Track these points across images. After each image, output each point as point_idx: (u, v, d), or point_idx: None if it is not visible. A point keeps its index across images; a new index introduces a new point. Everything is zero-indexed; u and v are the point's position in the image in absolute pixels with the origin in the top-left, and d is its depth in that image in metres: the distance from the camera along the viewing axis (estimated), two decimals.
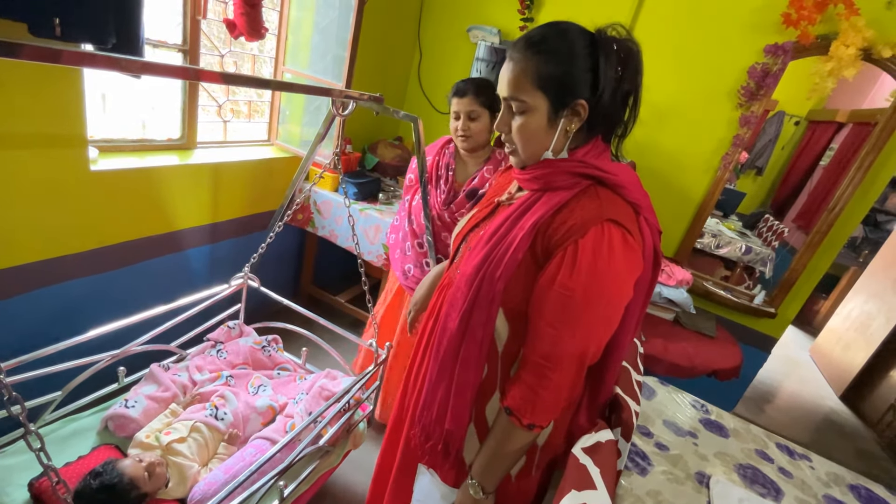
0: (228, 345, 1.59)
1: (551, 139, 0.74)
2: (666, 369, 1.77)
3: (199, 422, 1.25)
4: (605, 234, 0.68)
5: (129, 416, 1.24)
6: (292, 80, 2.18)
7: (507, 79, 0.73)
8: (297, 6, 2.08)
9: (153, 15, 1.65)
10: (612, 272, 0.69)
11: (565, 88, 0.70)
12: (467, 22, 2.54)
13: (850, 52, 1.86)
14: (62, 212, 1.43)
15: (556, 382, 0.72)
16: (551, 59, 0.70)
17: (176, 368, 1.45)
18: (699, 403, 1.28)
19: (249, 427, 1.34)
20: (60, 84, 1.30)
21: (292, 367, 1.64)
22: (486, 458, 0.81)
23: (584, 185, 0.73)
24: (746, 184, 2.69)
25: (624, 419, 0.83)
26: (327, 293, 2.56)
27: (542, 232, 0.72)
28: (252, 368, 1.57)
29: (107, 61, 0.73)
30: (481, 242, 0.79)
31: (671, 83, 2.22)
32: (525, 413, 0.74)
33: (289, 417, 1.36)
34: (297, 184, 1.61)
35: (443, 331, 0.83)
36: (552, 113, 0.72)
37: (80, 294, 1.56)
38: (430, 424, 0.86)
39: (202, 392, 1.38)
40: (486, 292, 0.74)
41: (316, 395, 1.40)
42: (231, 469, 1.15)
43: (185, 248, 1.88)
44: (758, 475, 1.04)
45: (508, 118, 0.75)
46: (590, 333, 0.72)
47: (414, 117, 1.39)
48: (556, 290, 0.69)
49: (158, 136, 1.80)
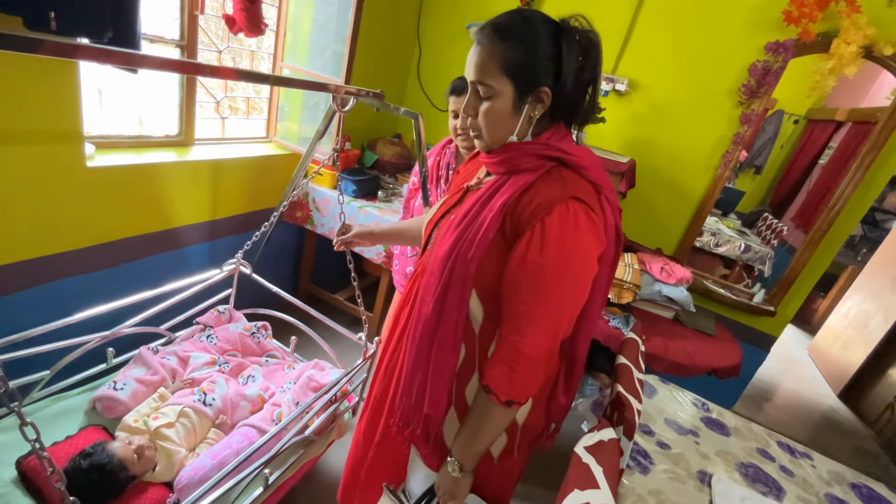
0: (218, 330, 1.60)
1: (516, 124, 0.76)
2: (666, 367, 1.76)
3: (187, 407, 1.26)
4: (569, 210, 0.71)
5: (117, 398, 1.25)
6: (291, 77, 2.16)
7: (474, 63, 0.75)
8: (296, 2, 2.06)
9: (150, 10, 1.63)
10: (578, 246, 0.72)
11: (529, 75, 0.73)
12: (467, 18, 2.53)
13: (852, 49, 1.85)
14: (58, 209, 1.41)
15: (532, 357, 0.74)
16: (517, 45, 0.72)
17: (165, 352, 1.46)
18: (700, 402, 1.28)
19: (238, 413, 1.35)
20: (56, 79, 1.29)
21: (280, 354, 1.66)
22: (465, 438, 0.82)
23: (549, 167, 0.75)
24: (745, 182, 2.69)
25: (626, 417, 0.83)
26: (326, 291, 2.55)
27: (510, 212, 0.74)
28: (241, 354, 1.59)
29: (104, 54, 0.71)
30: (452, 226, 0.81)
31: (671, 81, 2.22)
32: (503, 390, 0.75)
33: (276, 406, 1.37)
34: (296, 181, 1.59)
35: (418, 317, 0.85)
36: (517, 98, 0.74)
37: (77, 291, 1.55)
38: (409, 410, 0.87)
39: (193, 377, 1.40)
40: (459, 274, 0.76)
41: (304, 385, 1.41)
42: (218, 455, 1.17)
43: (183, 245, 1.86)
44: (759, 474, 1.04)
45: (475, 102, 0.77)
46: (560, 306, 0.74)
47: (415, 114, 1.38)
48: (527, 267, 0.71)
49: (156, 133, 1.78)
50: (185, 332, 1.58)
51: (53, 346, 1.18)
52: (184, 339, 1.56)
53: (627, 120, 2.34)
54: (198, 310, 1.60)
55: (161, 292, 1.40)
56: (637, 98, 2.30)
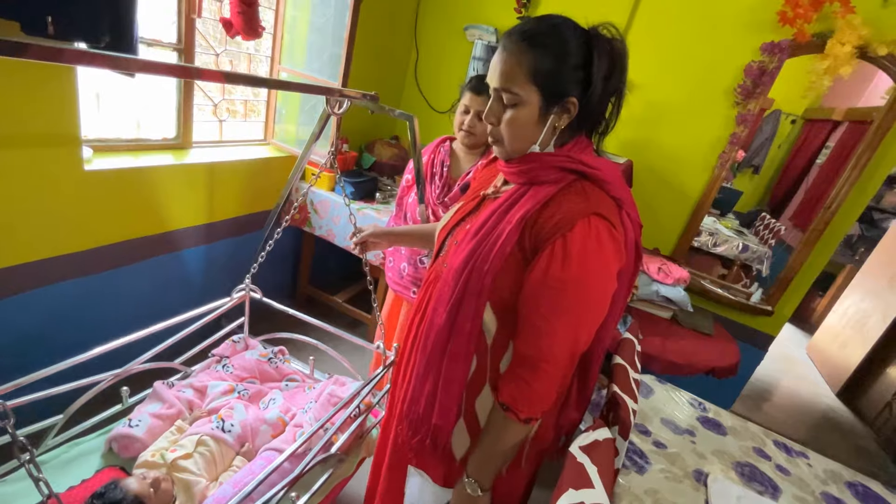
0: (234, 359, 1.54)
1: (539, 134, 0.74)
2: (663, 367, 1.77)
3: (205, 435, 1.20)
4: (591, 227, 0.70)
5: (133, 436, 1.19)
6: (288, 79, 2.17)
7: (500, 70, 0.73)
8: (293, 5, 2.07)
9: (147, 13, 1.64)
10: (600, 264, 0.70)
11: (558, 85, 0.71)
12: (464, 21, 2.54)
13: (846, 50, 1.86)
14: (56, 212, 1.42)
15: (550, 374, 0.73)
16: (547, 53, 0.70)
17: (180, 385, 1.40)
18: (697, 402, 1.28)
19: (259, 439, 1.29)
20: (54, 83, 1.29)
21: (300, 377, 1.59)
22: (482, 456, 0.81)
23: (570, 180, 0.74)
24: (743, 182, 2.70)
25: (622, 417, 0.83)
26: (325, 293, 2.55)
27: (529, 226, 0.73)
28: (259, 381, 1.52)
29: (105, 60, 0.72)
30: (468, 236, 0.79)
31: (668, 81, 2.22)
32: (521, 407, 0.74)
33: (298, 427, 1.31)
34: (292, 183, 1.60)
35: (430, 325, 0.83)
36: (543, 108, 0.72)
37: (75, 294, 1.55)
38: (418, 420, 0.86)
39: (212, 406, 1.33)
40: (475, 286, 0.75)
41: (325, 402, 1.36)
42: (240, 482, 1.10)
43: (180, 248, 1.87)
44: (755, 473, 1.04)
45: (499, 109, 0.75)
46: (581, 323, 0.73)
47: (409, 116, 1.38)
48: (548, 283, 0.70)
49: (153, 136, 1.79)
50: (201, 366, 1.52)
51: (65, 388, 1.12)
52: (199, 371, 1.50)
53: (624, 120, 2.30)
54: (212, 341, 1.54)
55: (171, 324, 1.34)
56: (634, 99, 2.30)
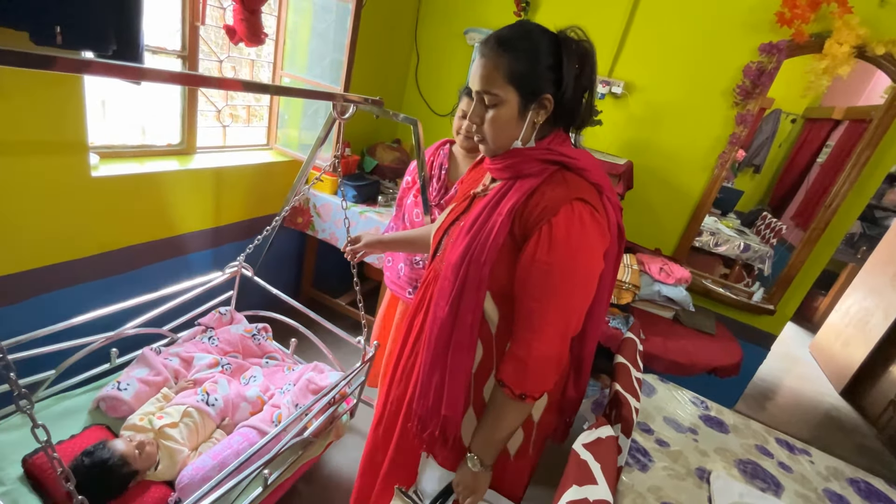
0: (219, 331, 1.63)
1: (520, 130, 0.80)
2: (666, 367, 1.77)
3: (190, 407, 1.29)
4: (574, 210, 0.75)
5: (121, 398, 1.27)
6: (291, 84, 2.19)
7: (479, 74, 0.78)
8: (295, 11, 2.09)
9: (152, 21, 1.66)
10: (584, 244, 0.76)
11: (533, 84, 0.77)
12: (464, 24, 2.56)
13: (844, 49, 1.87)
14: (64, 218, 1.44)
15: (543, 352, 0.78)
16: (520, 56, 0.76)
17: (167, 353, 1.49)
18: (699, 400, 1.29)
19: (238, 414, 1.38)
20: (61, 91, 1.31)
21: (280, 356, 1.69)
22: (484, 432, 0.86)
23: (552, 171, 0.79)
24: (744, 182, 2.70)
25: (624, 416, 0.84)
26: (327, 295, 2.57)
27: (518, 215, 0.78)
28: (242, 355, 1.62)
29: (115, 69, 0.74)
30: (462, 232, 0.84)
31: (667, 83, 2.24)
32: (516, 384, 0.79)
33: (275, 407, 1.40)
34: (297, 187, 1.62)
35: (433, 320, 0.87)
36: (522, 106, 0.78)
37: (83, 299, 1.57)
38: (427, 413, 0.89)
39: (196, 377, 1.42)
40: (473, 277, 0.79)
41: (303, 387, 1.44)
42: (219, 455, 1.19)
43: (186, 252, 1.88)
44: (758, 470, 1.05)
45: (481, 110, 0.81)
46: (570, 303, 0.78)
47: (413, 120, 1.40)
48: (537, 266, 0.75)
49: (158, 142, 1.81)
50: (187, 334, 1.61)
51: (59, 347, 1.22)
52: (185, 340, 1.59)
53: (624, 122, 2.36)
54: (199, 311, 1.63)
55: (163, 294, 1.43)
56: (633, 100, 2.32)
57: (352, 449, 1.82)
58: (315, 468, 1.69)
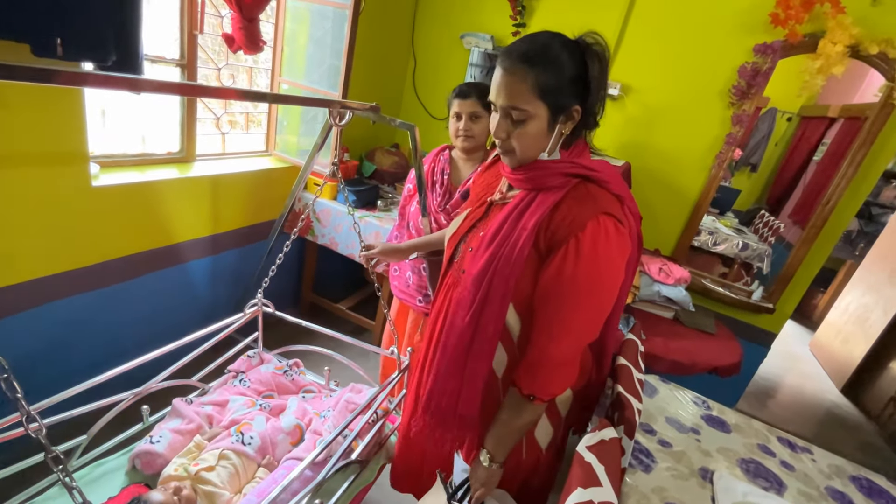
0: (250, 373, 1.55)
1: (548, 142, 0.81)
2: (667, 367, 1.78)
3: (226, 449, 1.22)
4: (600, 225, 0.76)
5: (155, 452, 1.20)
6: (289, 91, 2.20)
7: (504, 90, 0.77)
8: (292, 18, 2.10)
9: (151, 31, 1.67)
10: (610, 258, 0.77)
11: (561, 97, 0.77)
12: (460, 29, 2.57)
13: (838, 49, 1.89)
14: (65, 228, 1.44)
15: (556, 358, 0.80)
16: (547, 70, 0.75)
17: (199, 402, 1.42)
18: (700, 400, 1.29)
19: (279, 449, 1.31)
20: (62, 102, 1.32)
21: (316, 388, 1.60)
22: (497, 431, 0.88)
23: (574, 183, 0.80)
24: (741, 181, 2.72)
25: (627, 417, 0.85)
26: (328, 301, 2.57)
27: (543, 229, 0.78)
28: (277, 393, 1.53)
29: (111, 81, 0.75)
30: (484, 242, 0.84)
31: (663, 84, 2.25)
32: (524, 384, 0.81)
33: (317, 434, 1.33)
34: (296, 193, 1.62)
35: (450, 327, 0.89)
36: (551, 119, 0.78)
37: (84, 308, 1.57)
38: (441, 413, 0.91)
39: (233, 419, 1.35)
40: (497, 289, 0.80)
41: (342, 409, 1.38)
42: (264, 493, 1.11)
43: (187, 259, 1.89)
44: (760, 469, 1.05)
45: (507, 125, 0.80)
46: (591, 313, 0.80)
47: (411, 125, 1.41)
48: (563, 280, 0.76)
49: (158, 150, 1.82)
50: (218, 382, 1.53)
51: (86, 409, 1.14)
52: (216, 388, 1.51)
53: (621, 124, 2.37)
54: (226, 358, 1.54)
55: (186, 342, 1.35)
56: (630, 102, 2.34)
57: None
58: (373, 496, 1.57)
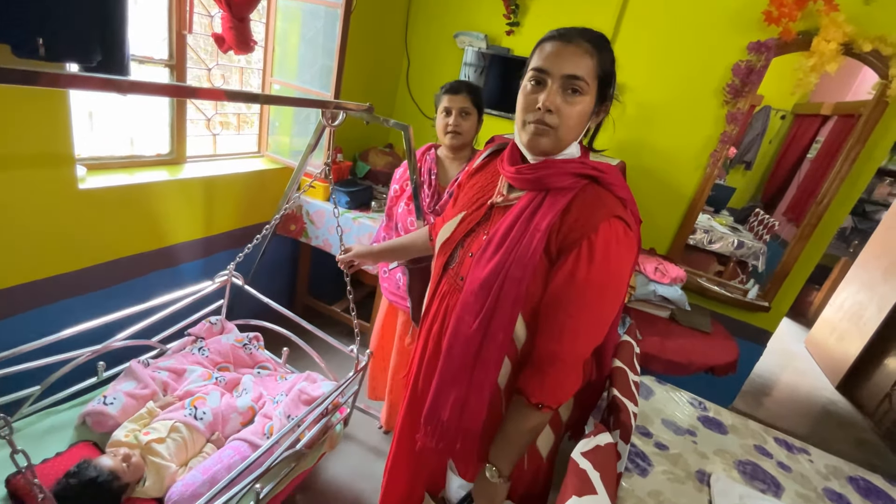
0: (210, 342, 1.59)
1: (583, 130, 0.80)
2: (663, 367, 1.77)
3: (178, 421, 1.25)
4: (612, 228, 0.75)
5: (107, 413, 1.24)
6: (281, 92, 2.18)
7: (570, 59, 0.74)
8: (283, 17, 2.08)
9: (138, 30, 1.65)
10: (620, 263, 0.77)
11: (607, 87, 0.79)
12: (454, 28, 2.56)
13: (832, 47, 1.88)
14: (52, 232, 1.42)
15: (567, 363, 0.79)
16: (607, 58, 0.77)
17: (156, 365, 1.45)
18: (697, 401, 1.28)
19: (229, 426, 1.35)
20: (46, 103, 1.29)
21: (272, 365, 1.65)
22: (501, 443, 0.84)
23: (582, 185, 0.78)
24: (736, 178, 2.71)
25: (622, 421, 0.84)
26: (323, 303, 2.55)
27: (555, 231, 0.77)
28: (233, 366, 1.58)
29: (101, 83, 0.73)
30: (492, 246, 0.81)
31: (657, 83, 2.25)
32: (533, 392, 0.79)
33: (267, 418, 1.36)
34: (289, 194, 1.61)
35: (454, 335, 0.83)
36: (595, 106, 0.79)
37: (73, 313, 1.54)
38: (442, 426, 0.86)
39: (188, 389, 1.39)
40: (509, 294, 0.77)
41: (295, 398, 1.41)
42: (209, 470, 1.17)
43: (178, 262, 1.86)
44: (757, 471, 1.04)
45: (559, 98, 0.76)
46: (601, 317, 0.80)
47: (405, 126, 1.39)
48: (575, 283, 0.75)
49: (147, 152, 1.79)
50: (177, 344, 1.57)
51: (44, 362, 1.19)
52: (175, 351, 1.55)
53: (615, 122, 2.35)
54: (190, 321, 1.60)
55: (153, 305, 1.40)
56: (624, 101, 2.32)
57: (349, 456, 1.81)
58: (311, 478, 1.67)
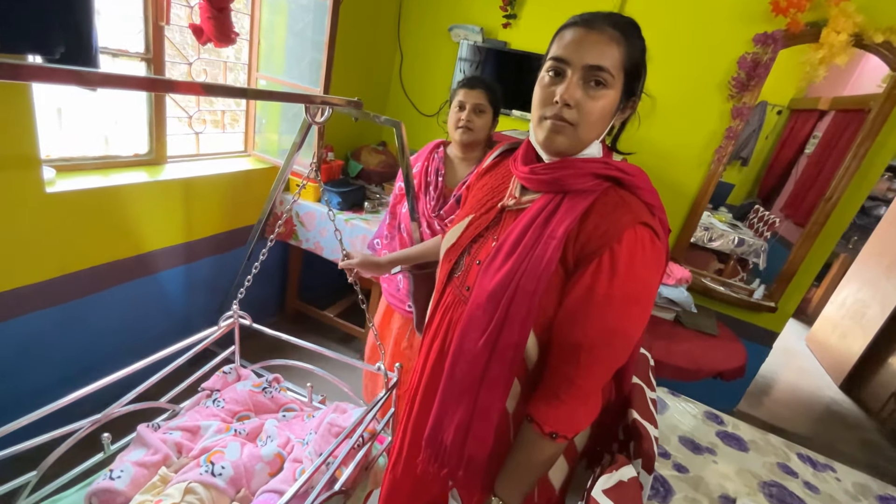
0: (225, 392, 1.40)
1: (606, 128, 0.72)
2: (671, 373, 1.70)
3: (193, 482, 1.07)
4: (638, 237, 0.66)
5: (114, 489, 1.05)
6: (267, 87, 2.07)
7: (594, 48, 0.66)
8: (270, 9, 1.97)
9: (111, 22, 1.54)
10: (646, 275, 0.68)
11: (636, 81, 0.70)
12: (448, 21, 2.46)
13: (842, 38, 1.81)
14: (16, 240, 1.31)
15: (584, 389, 0.70)
16: (636, 47, 0.68)
17: (167, 427, 1.25)
18: (714, 414, 1.21)
19: (256, 480, 1.16)
20: (6, 98, 1.19)
21: (298, 405, 1.46)
22: (509, 474, 0.76)
23: (605, 187, 0.70)
24: (732, 174, 2.66)
25: (644, 450, 0.75)
26: (314, 308, 2.45)
27: (572, 239, 0.68)
28: (254, 413, 1.39)
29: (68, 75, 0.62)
30: (502, 254, 0.71)
31: (661, 77, 2.16)
32: (547, 420, 0.70)
33: (297, 463, 1.19)
34: (274, 195, 1.51)
35: (458, 353, 0.75)
36: (621, 101, 0.70)
37: (43, 326, 1.44)
38: (445, 452, 0.78)
39: (204, 446, 1.20)
40: (520, 308, 0.68)
41: (325, 432, 1.24)
42: None
43: (157, 270, 1.76)
44: (784, 493, 0.97)
45: (580, 91, 0.67)
46: (624, 338, 0.70)
47: (396, 122, 1.30)
48: (595, 299, 0.66)
49: (124, 152, 1.68)
50: (190, 402, 1.37)
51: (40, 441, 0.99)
52: (188, 409, 1.35)
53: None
54: (199, 375, 1.39)
55: (155, 359, 1.19)
56: None
57: None
58: None
